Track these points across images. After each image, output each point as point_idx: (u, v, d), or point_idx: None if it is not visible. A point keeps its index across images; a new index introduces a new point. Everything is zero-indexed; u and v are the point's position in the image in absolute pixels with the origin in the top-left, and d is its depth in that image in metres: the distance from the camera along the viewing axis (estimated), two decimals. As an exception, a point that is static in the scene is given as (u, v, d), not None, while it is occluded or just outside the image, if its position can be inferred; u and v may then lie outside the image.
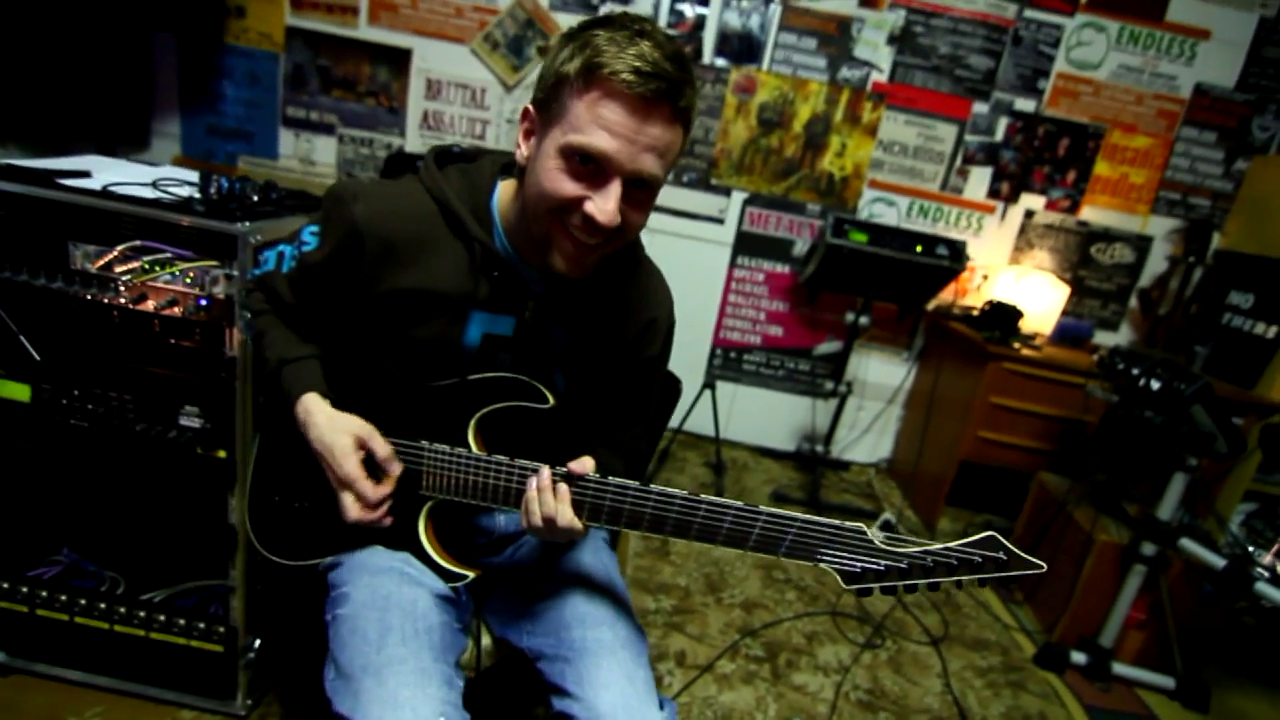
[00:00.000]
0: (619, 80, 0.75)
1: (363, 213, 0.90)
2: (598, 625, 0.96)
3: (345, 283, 0.94)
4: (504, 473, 0.93)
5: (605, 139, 0.78)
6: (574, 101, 0.79)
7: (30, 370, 1.28)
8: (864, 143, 2.93)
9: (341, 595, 0.95)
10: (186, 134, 2.82)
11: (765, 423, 3.21)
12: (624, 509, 0.87)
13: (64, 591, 1.41)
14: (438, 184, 0.94)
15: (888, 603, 2.25)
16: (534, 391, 0.93)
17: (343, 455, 0.92)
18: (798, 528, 0.81)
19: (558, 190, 0.81)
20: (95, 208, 1.20)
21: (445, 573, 0.99)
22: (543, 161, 0.83)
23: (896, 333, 3.12)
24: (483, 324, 0.96)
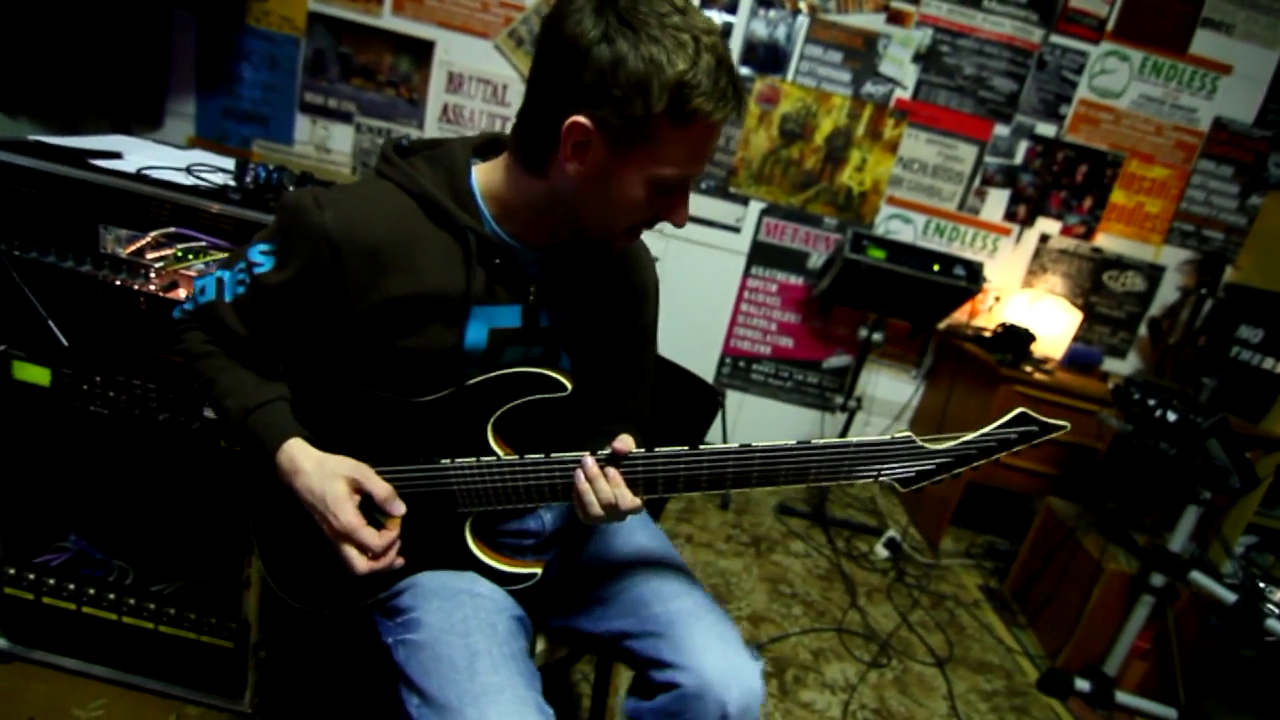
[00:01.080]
0: (709, 116, 0.76)
1: (335, 221, 0.81)
2: (676, 596, 0.96)
3: (320, 304, 0.85)
4: (543, 471, 0.89)
5: (701, 166, 0.81)
6: (667, 133, 0.76)
7: (52, 354, 1.25)
8: (884, 159, 2.93)
9: (412, 620, 0.90)
10: (201, 114, 2.78)
11: (771, 433, 3.18)
12: (679, 474, 0.87)
13: (72, 580, 1.38)
14: (410, 176, 0.86)
15: (893, 620, 2.25)
16: (549, 381, 0.90)
17: (336, 504, 0.85)
18: (852, 451, 0.83)
19: (641, 213, 0.84)
20: (130, 191, 1.17)
21: (509, 577, 0.96)
22: (622, 188, 0.80)
23: (906, 350, 3.12)
24: (487, 319, 0.90)
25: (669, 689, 0.89)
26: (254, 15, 2.67)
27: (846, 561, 2.54)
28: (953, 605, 2.43)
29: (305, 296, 0.85)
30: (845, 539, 2.69)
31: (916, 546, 2.75)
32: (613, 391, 1.09)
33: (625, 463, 0.87)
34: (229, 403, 0.90)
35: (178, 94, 2.73)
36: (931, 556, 2.70)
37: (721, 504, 2.74)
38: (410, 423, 0.92)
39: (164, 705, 1.41)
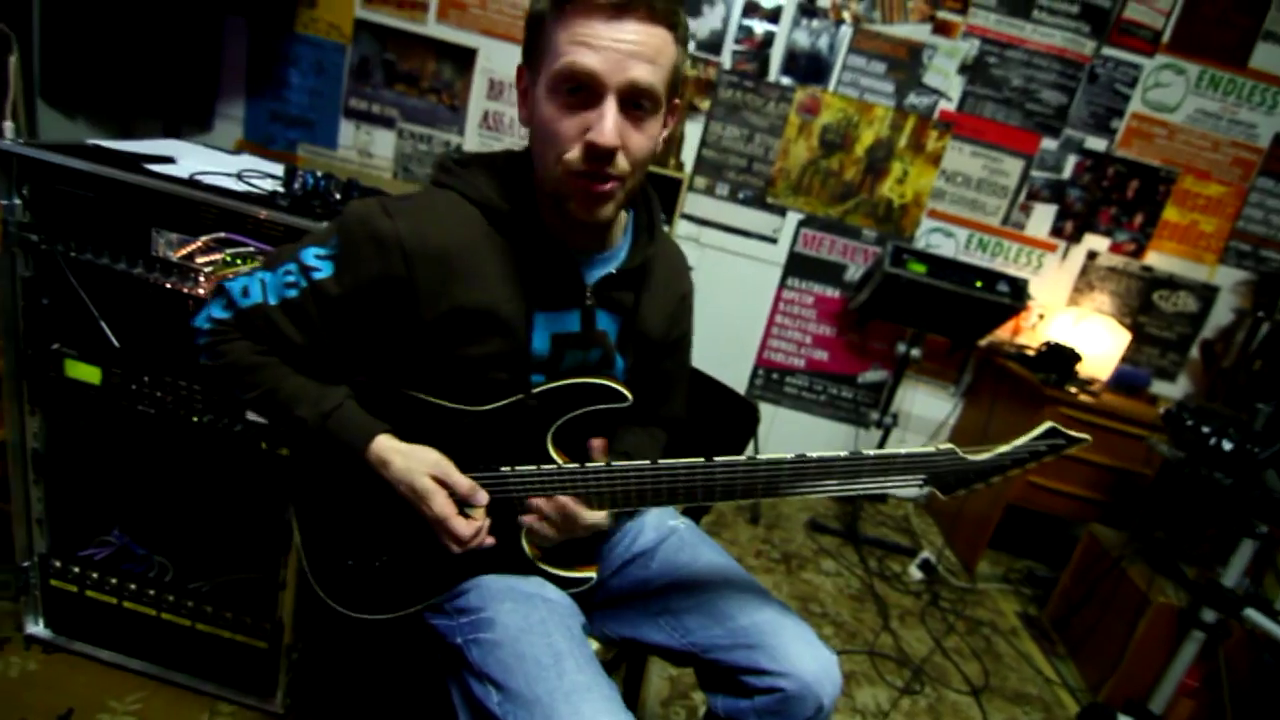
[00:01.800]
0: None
1: (407, 230, 0.82)
2: (760, 607, 0.99)
3: (388, 313, 0.85)
4: (604, 480, 0.90)
5: (585, 54, 0.75)
6: (553, 32, 0.78)
7: (103, 354, 1.28)
8: (926, 171, 2.87)
9: (484, 620, 0.90)
10: (249, 118, 2.84)
11: (803, 447, 3.11)
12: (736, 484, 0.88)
13: (114, 575, 1.40)
14: (472, 185, 0.88)
15: (926, 645, 2.19)
16: (610, 392, 0.91)
17: (430, 495, 0.88)
18: (902, 460, 0.84)
19: (557, 130, 0.79)
20: (182, 196, 1.19)
21: (565, 581, 0.98)
22: (539, 110, 0.81)
23: (945, 366, 3.06)
24: (549, 324, 0.92)
25: (770, 692, 0.94)
26: (303, 22, 2.73)
27: (879, 582, 2.49)
28: (989, 632, 2.36)
29: (373, 306, 0.85)
30: (878, 558, 2.64)
31: (952, 569, 2.68)
32: (654, 396, 1.11)
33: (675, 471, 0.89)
34: (301, 411, 0.88)
35: (227, 98, 2.80)
36: (967, 580, 2.63)
37: (752, 518, 2.70)
38: (472, 431, 0.93)
39: (198, 702, 1.43)
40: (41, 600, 1.42)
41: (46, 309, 1.26)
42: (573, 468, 0.91)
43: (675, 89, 0.85)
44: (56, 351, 1.28)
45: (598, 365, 0.98)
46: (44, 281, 1.25)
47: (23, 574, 1.38)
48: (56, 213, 1.22)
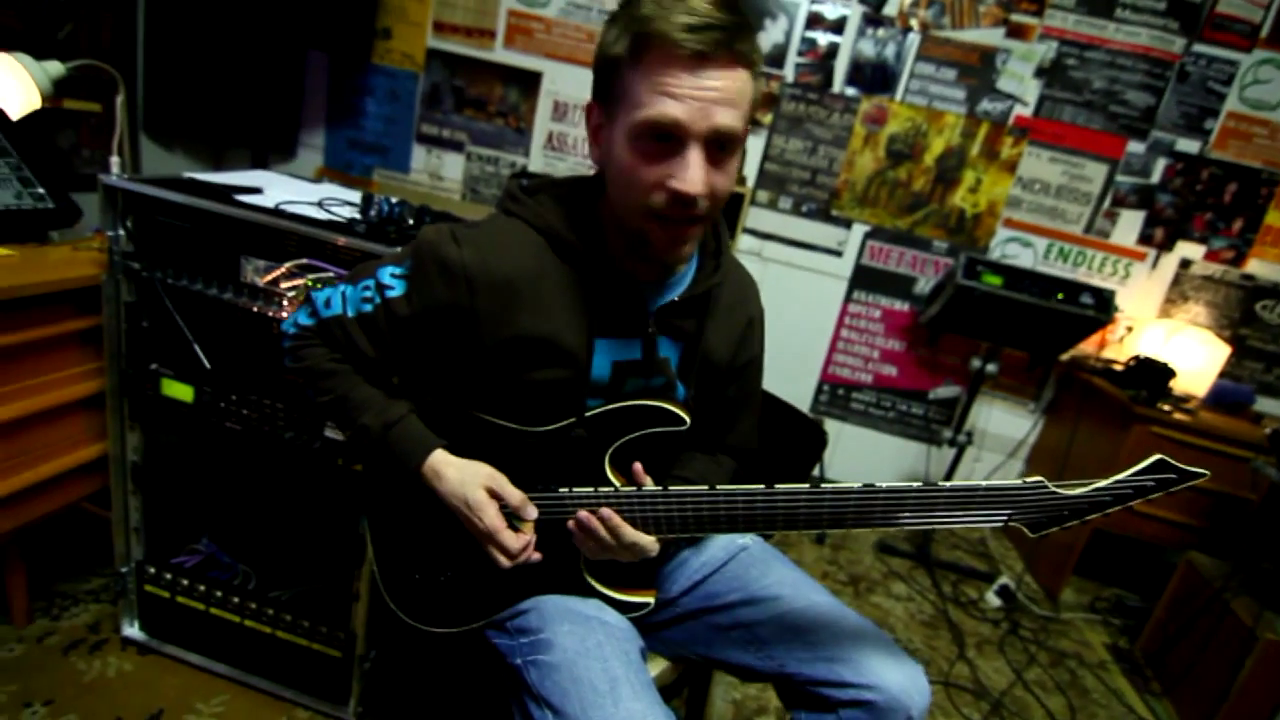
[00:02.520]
0: (671, 42, 0.72)
1: (472, 258, 0.85)
2: (838, 619, 0.98)
3: (450, 337, 0.89)
4: (660, 503, 0.89)
5: (672, 105, 0.74)
6: (632, 79, 0.76)
7: (195, 374, 1.36)
8: (1001, 179, 2.76)
9: (542, 641, 0.91)
10: (329, 146, 2.99)
11: (871, 465, 3.06)
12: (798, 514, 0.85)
13: (202, 582, 1.48)
14: (537, 213, 0.90)
15: (1006, 677, 2.08)
16: (667, 415, 0.90)
17: (479, 509, 0.89)
18: (982, 494, 0.80)
19: (639, 177, 0.79)
20: (268, 225, 1.26)
21: (623, 605, 0.98)
22: (617, 153, 0.81)
23: (1024, 382, 2.92)
24: (610, 352, 0.93)
25: (856, 705, 0.92)
26: (379, 53, 2.85)
27: (954, 608, 2.38)
28: (1075, 665, 2.22)
29: (435, 328, 0.89)
30: (952, 583, 2.53)
31: (1033, 596, 2.55)
32: (720, 423, 1.09)
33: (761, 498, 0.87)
34: (366, 419, 0.92)
35: (309, 127, 2.95)
36: (1050, 609, 2.49)
37: (818, 538, 2.64)
38: (530, 451, 0.94)
39: (277, 707, 1.49)
40: (137, 604, 1.51)
41: (146, 331, 1.35)
42: (629, 491, 0.90)
43: (752, 120, 0.85)
44: (154, 371, 1.37)
45: (658, 393, 0.97)
46: (144, 306, 1.34)
47: (121, 579, 1.48)
48: (156, 242, 1.31)
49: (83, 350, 1.40)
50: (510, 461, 0.94)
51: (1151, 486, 0.79)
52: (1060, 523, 0.81)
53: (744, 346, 1.05)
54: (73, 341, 1.38)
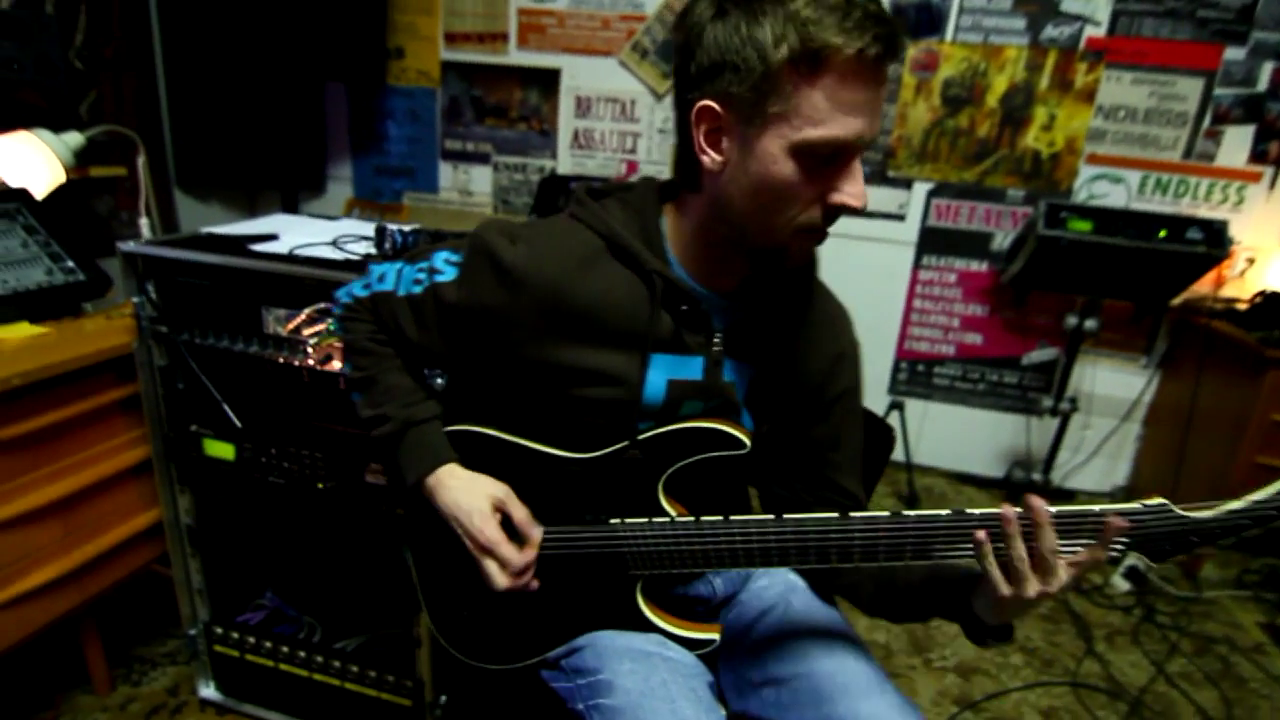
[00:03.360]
0: (854, 55, 0.64)
1: (525, 256, 0.80)
2: (866, 695, 0.83)
3: (491, 333, 0.84)
4: (722, 535, 0.80)
5: (855, 124, 0.67)
6: (803, 91, 0.66)
7: (234, 431, 1.33)
8: (1078, 111, 2.48)
9: (602, 683, 0.84)
10: (357, 176, 2.99)
11: (964, 444, 2.83)
12: (878, 546, 0.75)
13: (269, 638, 1.45)
14: (600, 217, 0.83)
15: (1144, 671, 1.84)
16: (726, 438, 0.81)
17: (481, 519, 0.83)
18: (1093, 519, 0.69)
19: (799, 195, 0.71)
20: (283, 273, 1.21)
21: (686, 642, 0.89)
22: (765, 167, 0.70)
23: (1131, 335, 2.62)
24: (667, 368, 0.84)
25: None
26: (393, 74, 2.83)
27: (1075, 597, 2.15)
28: (1226, 651, 1.96)
29: (478, 321, 0.84)
30: (1068, 565, 2.28)
31: (1168, 575, 2.27)
32: (809, 469, 0.94)
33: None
34: (390, 409, 0.90)
35: (335, 160, 2.97)
36: (1190, 588, 2.21)
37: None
38: (579, 480, 0.87)
39: (355, 760, 1.45)
40: (210, 665, 1.50)
41: (182, 394, 1.33)
42: (686, 521, 0.82)
43: None
44: (195, 433, 1.35)
45: (718, 415, 0.87)
46: (176, 368, 1.31)
47: (191, 641, 1.47)
48: (180, 302, 1.28)
49: (126, 418, 1.40)
50: (553, 491, 0.87)
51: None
52: (1188, 549, 0.70)
53: (831, 382, 0.91)
54: (116, 410, 1.38)
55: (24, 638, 1.27)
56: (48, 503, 1.27)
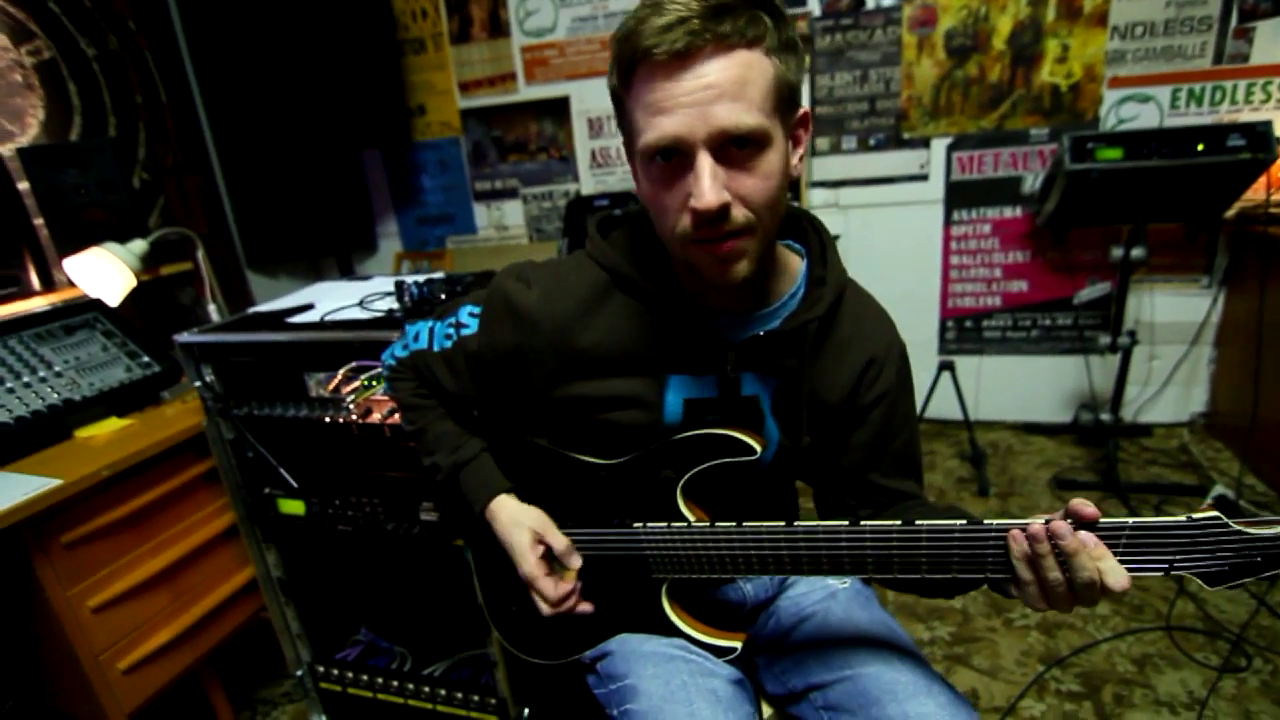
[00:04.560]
0: (646, 52, 0.65)
1: (539, 299, 0.85)
2: (913, 696, 0.81)
3: (516, 375, 0.89)
4: (735, 540, 0.82)
5: (664, 121, 0.66)
6: (630, 106, 0.71)
7: (302, 489, 1.45)
8: (1093, 37, 2.37)
9: (628, 689, 0.88)
10: (403, 230, 3.17)
11: (1025, 394, 2.74)
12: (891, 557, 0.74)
13: (365, 671, 1.58)
14: (603, 251, 0.87)
15: (1244, 607, 1.75)
16: (736, 444, 0.83)
17: (521, 555, 0.90)
18: (1127, 537, 0.63)
19: (663, 204, 0.72)
20: (316, 341, 1.32)
21: (708, 648, 0.91)
22: (641, 186, 0.75)
23: (1186, 256, 2.48)
24: (682, 388, 0.87)
25: None
26: (419, 130, 2.98)
27: (1160, 535, 2.05)
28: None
29: (504, 368, 0.90)
30: (1154, 506, 2.18)
31: (1263, 500, 2.14)
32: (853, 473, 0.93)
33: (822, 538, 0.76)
34: (439, 457, 0.98)
35: (382, 219, 3.15)
36: (1289, 510, 2.08)
37: (979, 490, 2.39)
38: (605, 485, 0.92)
39: (457, 776, 1.55)
40: (320, 700, 1.64)
41: (253, 461, 1.47)
42: (702, 526, 0.84)
43: (792, 103, 0.72)
44: (269, 495, 1.48)
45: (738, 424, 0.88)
46: (244, 439, 1.45)
47: (299, 681, 1.61)
48: (235, 379, 1.42)
49: (210, 490, 1.55)
50: (582, 495, 0.93)
51: None
52: (1255, 573, 0.61)
53: (864, 390, 0.88)
54: (200, 484, 1.53)
55: (151, 695, 1.43)
56: (154, 574, 1.43)
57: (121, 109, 2.21)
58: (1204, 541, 0.62)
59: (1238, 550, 0.61)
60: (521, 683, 1.47)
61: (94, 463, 1.33)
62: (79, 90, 2.05)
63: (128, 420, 1.52)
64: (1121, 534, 0.63)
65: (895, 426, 0.91)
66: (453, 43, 2.85)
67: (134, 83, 2.24)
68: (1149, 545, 0.63)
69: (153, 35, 2.31)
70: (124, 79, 2.21)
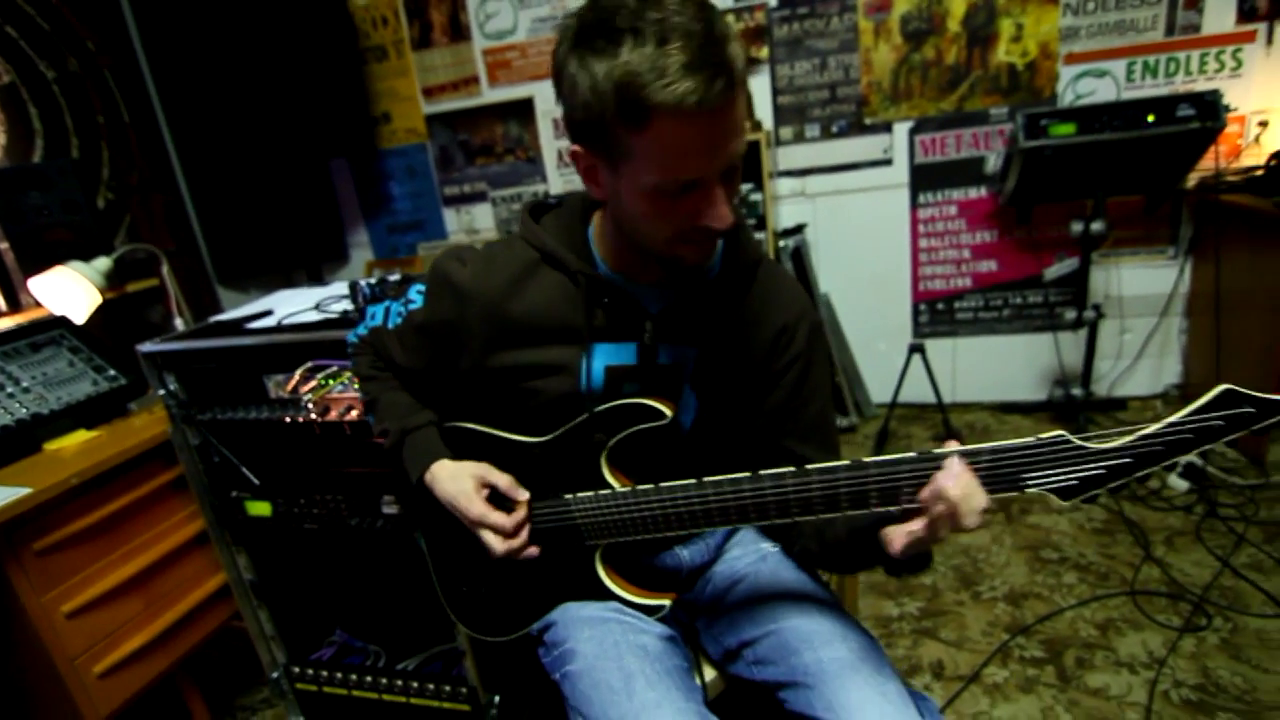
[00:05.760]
0: (676, 110, 0.66)
1: (472, 275, 0.92)
2: (828, 643, 0.88)
3: (452, 342, 0.96)
4: (654, 501, 0.87)
5: (691, 161, 0.71)
6: (636, 143, 0.70)
7: (267, 489, 1.48)
8: (1045, 15, 2.40)
9: (568, 652, 0.94)
10: (374, 239, 3.19)
11: (1000, 374, 2.76)
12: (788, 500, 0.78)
13: (339, 669, 1.60)
14: (534, 232, 0.93)
15: (1208, 568, 1.77)
16: (649, 410, 0.88)
17: (467, 499, 0.93)
18: (986, 461, 0.69)
19: (664, 231, 0.78)
20: (272, 343, 1.35)
21: (642, 608, 0.96)
22: (633, 205, 0.77)
23: (1151, 228, 2.50)
24: (606, 356, 0.93)
25: None
26: (384, 138, 3.01)
27: (1130, 505, 2.07)
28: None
29: (438, 334, 0.97)
30: (1123, 476, 2.20)
31: (1231, 466, 2.16)
32: (770, 436, 0.97)
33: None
34: (389, 423, 1.03)
35: (352, 228, 3.18)
36: (1257, 475, 2.10)
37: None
38: (539, 462, 0.97)
39: (432, 767, 1.58)
40: (296, 701, 1.67)
41: (219, 465, 1.50)
42: (625, 491, 0.89)
43: None
44: (236, 498, 1.51)
45: (659, 395, 0.92)
46: (210, 444, 1.48)
47: (275, 683, 1.64)
48: (199, 386, 1.45)
49: (180, 496, 1.58)
50: (519, 474, 0.97)
51: (1220, 428, 0.63)
52: (1101, 484, 0.67)
53: (777, 354, 0.94)
54: (169, 491, 1.57)
55: (128, 699, 1.46)
56: (127, 579, 1.46)
57: (84, 130, 2.24)
58: (1052, 459, 0.67)
59: (1083, 464, 0.66)
60: (491, 671, 1.50)
61: (63, 472, 1.37)
62: (40, 114, 2.09)
63: (96, 432, 1.55)
64: (982, 457, 0.68)
65: (807, 393, 0.96)
66: (414, 49, 2.88)
67: (95, 103, 2.28)
68: (1004, 465, 0.68)
69: (113, 55, 2.34)
70: (85, 100, 2.24)
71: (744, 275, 0.93)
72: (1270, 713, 1.39)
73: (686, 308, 0.91)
